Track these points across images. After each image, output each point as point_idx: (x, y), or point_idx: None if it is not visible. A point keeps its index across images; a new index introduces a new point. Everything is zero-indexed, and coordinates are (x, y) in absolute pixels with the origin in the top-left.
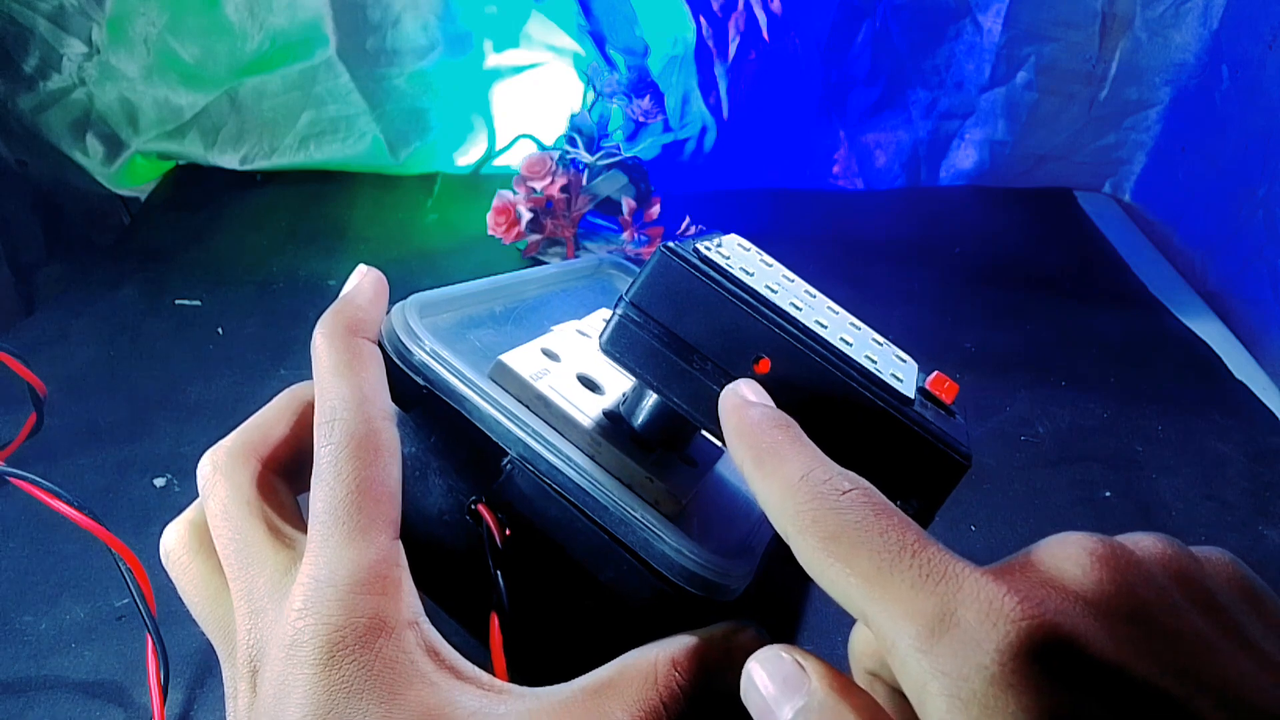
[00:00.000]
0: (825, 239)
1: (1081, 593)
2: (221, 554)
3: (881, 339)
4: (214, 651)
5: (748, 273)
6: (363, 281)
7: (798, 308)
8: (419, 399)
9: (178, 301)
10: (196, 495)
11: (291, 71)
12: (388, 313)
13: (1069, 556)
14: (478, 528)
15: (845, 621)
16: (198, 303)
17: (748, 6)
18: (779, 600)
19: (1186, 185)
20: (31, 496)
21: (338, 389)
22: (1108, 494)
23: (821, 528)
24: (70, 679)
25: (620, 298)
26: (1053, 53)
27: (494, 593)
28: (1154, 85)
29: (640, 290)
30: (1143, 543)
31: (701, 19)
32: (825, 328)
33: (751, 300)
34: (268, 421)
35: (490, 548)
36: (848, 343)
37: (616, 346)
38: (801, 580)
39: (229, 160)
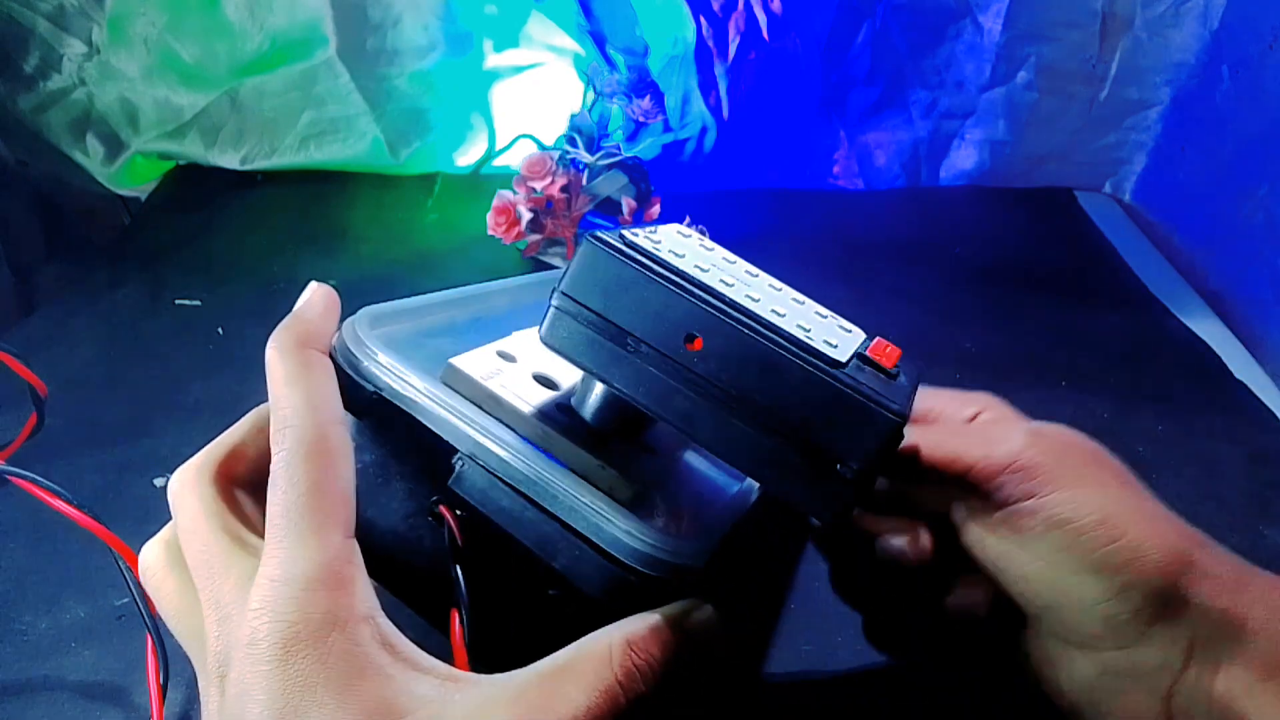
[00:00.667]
0: (825, 239)
1: None
2: (191, 566)
3: (827, 313)
4: None
5: (677, 255)
6: (313, 296)
7: (728, 284)
8: (371, 405)
9: (178, 301)
10: None
11: (291, 71)
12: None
13: None
14: (440, 528)
15: (844, 627)
16: (198, 303)
17: (748, 6)
18: (755, 586)
19: (1186, 185)
20: (32, 496)
21: (289, 398)
22: None
23: None
24: (70, 678)
25: (553, 289)
26: (1053, 53)
27: (454, 589)
28: (1154, 85)
29: (570, 279)
30: None
31: (701, 19)
32: (756, 300)
33: (677, 279)
34: (233, 439)
35: (451, 545)
36: (779, 314)
37: (554, 337)
38: (780, 564)
39: (229, 160)
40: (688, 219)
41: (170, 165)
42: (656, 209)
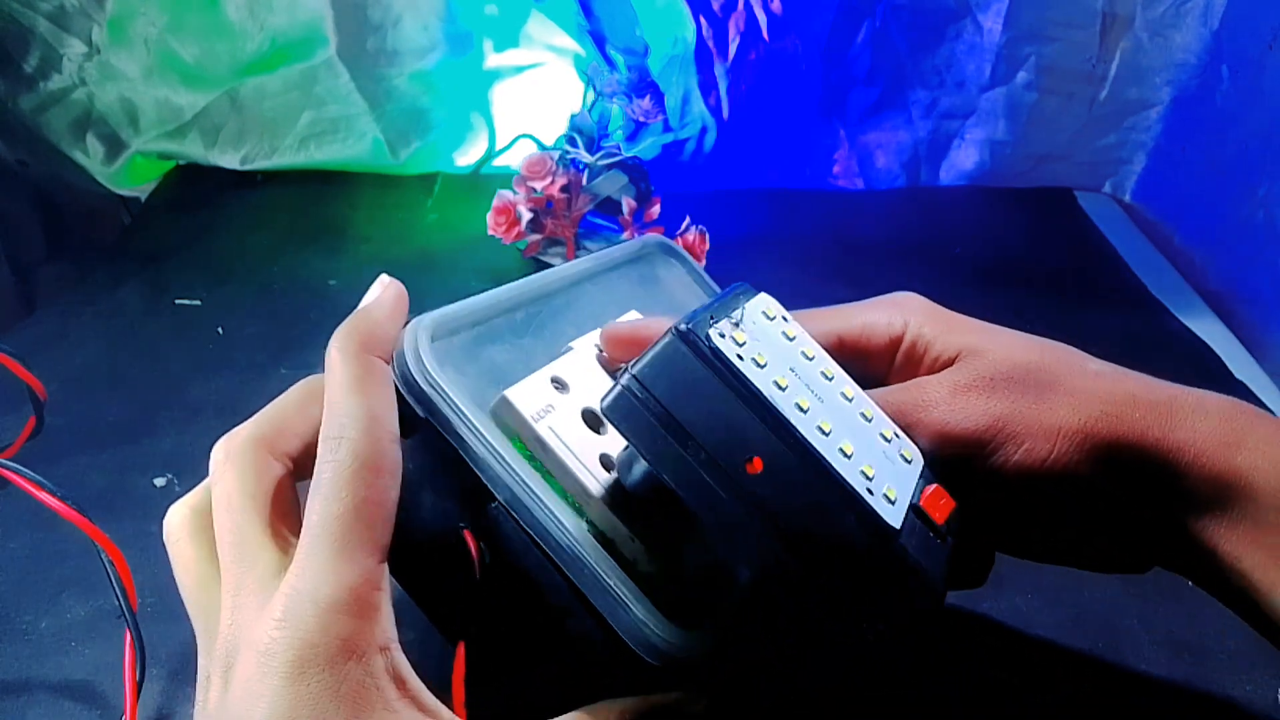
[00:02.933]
0: (825, 239)
1: None
2: (219, 543)
3: (891, 434)
4: (195, 644)
5: (759, 364)
6: (383, 295)
7: (803, 409)
8: (418, 426)
9: (178, 301)
10: None
11: (292, 71)
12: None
13: None
14: (461, 552)
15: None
16: (198, 303)
17: (748, 6)
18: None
19: (1186, 185)
20: (29, 494)
21: (348, 407)
22: None
23: None
24: (70, 678)
25: (626, 368)
26: (1053, 53)
27: (465, 624)
28: (1154, 85)
29: (646, 367)
30: None
31: (701, 19)
32: (827, 435)
33: (754, 401)
34: (283, 415)
35: (468, 579)
36: (846, 454)
37: (616, 413)
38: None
39: (229, 160)
40: (688, 219)
41: (170, 165)
42: (656, 209)
